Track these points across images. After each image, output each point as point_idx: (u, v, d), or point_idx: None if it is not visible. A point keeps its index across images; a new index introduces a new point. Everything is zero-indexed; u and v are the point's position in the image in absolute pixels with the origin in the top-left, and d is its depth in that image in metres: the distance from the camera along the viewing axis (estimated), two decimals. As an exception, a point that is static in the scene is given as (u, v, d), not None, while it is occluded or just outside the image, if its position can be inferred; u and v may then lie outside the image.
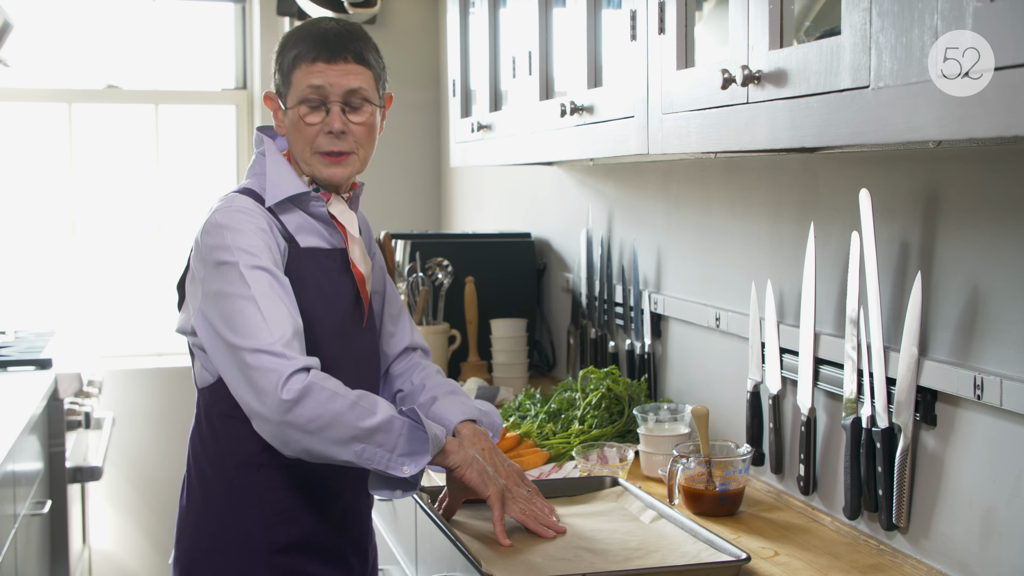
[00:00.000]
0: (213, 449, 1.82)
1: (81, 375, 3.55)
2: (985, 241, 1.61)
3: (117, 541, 4.31)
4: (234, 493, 1.81)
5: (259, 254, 1.69)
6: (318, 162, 1.79)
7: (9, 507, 2.48)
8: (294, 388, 1.61)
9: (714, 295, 2.40)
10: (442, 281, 3.27)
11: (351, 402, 1.64)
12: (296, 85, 1.78)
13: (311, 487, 1.83)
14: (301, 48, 1.77)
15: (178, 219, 4.52)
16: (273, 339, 1.64)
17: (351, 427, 1.63)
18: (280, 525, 1.81)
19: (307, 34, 1.78)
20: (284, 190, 1.79)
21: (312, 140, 1.78)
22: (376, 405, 1.66)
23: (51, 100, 4.39)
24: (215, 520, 1.82)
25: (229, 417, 1.79)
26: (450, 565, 1.99)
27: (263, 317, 1.65)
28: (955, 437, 1.68)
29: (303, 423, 1.62)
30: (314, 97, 1.76)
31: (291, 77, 1.79)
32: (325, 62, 1.76)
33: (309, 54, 1.76)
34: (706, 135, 1.70)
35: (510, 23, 2.79)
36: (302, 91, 1.77)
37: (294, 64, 1.78)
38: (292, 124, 1.80)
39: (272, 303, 1.66)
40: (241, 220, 1.72)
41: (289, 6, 4.19)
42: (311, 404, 1.62)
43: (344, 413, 1.63)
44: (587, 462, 2.18)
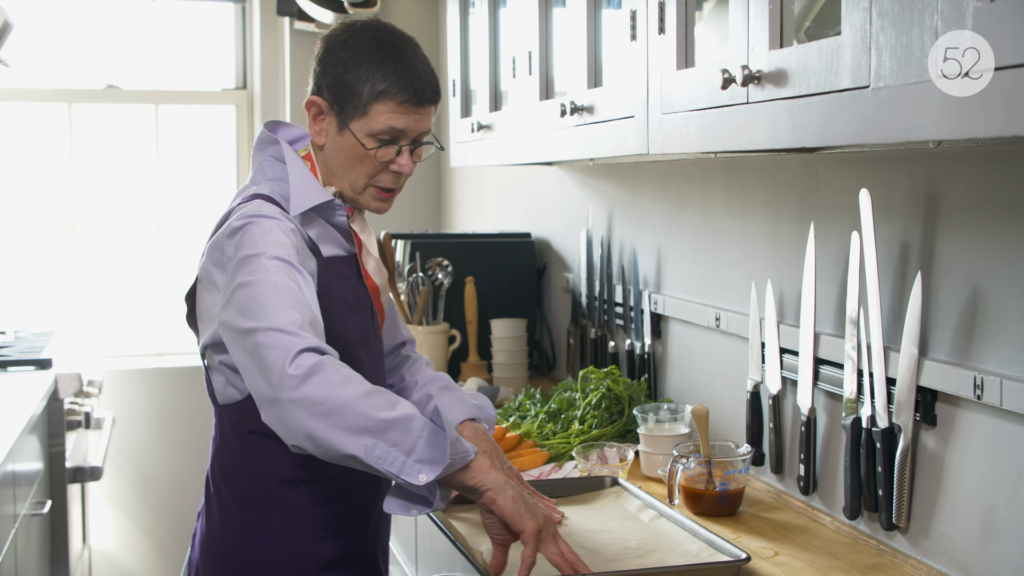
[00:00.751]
0: (247, 468, 1.72)
1: (81, 375, 3.55)
2: (985, 241, 1.61)
3: (117, 541, 4.31)
4: (278, 512, 1.71)
5: (283, 249, 1.60)
6: (370, 195, 1.74)
7: (9, 507, 2.48)
8: (304, 364, 1.46)
9: (714, 295, 2.40)
10: (442, 281, 3.27)
11: (367, 390, 1.47)
12: (375, 118, 1.68)
13: (349, 500, 1.76)
14: (390, 84, 1.67)
15: (178, 219, 4.52)
16: (288, 319, 1.50)
17: (363, 416, 1.44)
18: (325, 540, 1.73)
19: (394, 65, 1.68)
20: (310, 199, 1.70)
21: (373, 173, 1.72)
22: (398, 401, 1.49)
23: (51, 100, 4.39)
24: (262, 541, 1.71)
25: (262, 435, 1.68)
26: (450, 565, 1.99)
27: (279, 299, 1.52)
28: (955, 437, 1.68)
29: (310, 403, 1.44)
30: (389, 137, 1.70)
31: (370, 108, 1.68)
32: (414, 106, 1.69)
33: (400, 94, 1.68)
34: (706, 135, 1.70)
35: (510, 23, 2.79)
36: (381, 128, 1.69)
37: (378, 97, 1.68)
38: (350, 148, 1.71)
39: (290, 291, 1.54)
40: (269, 224, 1.63)
41: (289, 6, 4.19)
42: (320, 382, 1.45)
43: (357, 399, 1.45)
44: (587, 462, 2.18)
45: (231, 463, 1.74)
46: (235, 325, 1.54)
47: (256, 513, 1.72)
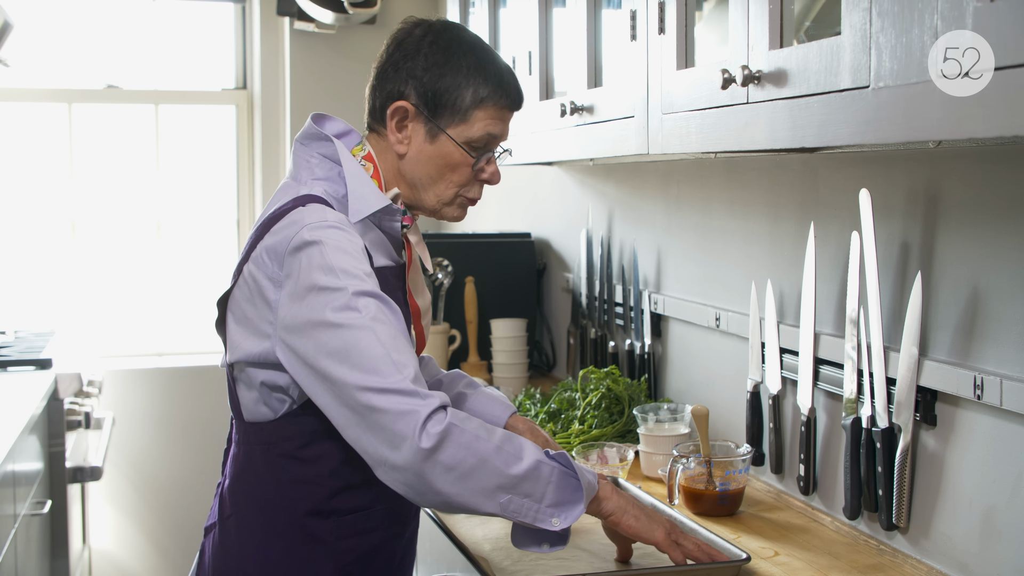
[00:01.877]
0: (275, 493, 1.61)
1: (81, 375, 3.55)
2: (985, 241, 1.61)
3: (117, 541, 4.31)
4: (303, 543, 1.61)
5: (366, 278, 1.50)
6: (458, 205, 1.67)
7: (9, 507, 2.48)
8: (433, 432, 1.42)
9: (714, 295, 2.40)
10: (442, 281, 3.27)
11: (496, 446, 1.45)
12: (475, 124, 1.62)
13: (378, 531, 1.66)
14: (492, 90, 1.62)
15: (178, 219, 4.52)
16: (401, 375, 1.43)
17: (498, 474, 1.44)
18: (354, 573, 1.64)
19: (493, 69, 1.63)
20: (370, 204, 1.60)
21: (463, 182, 1.65)
22: (522, 449, 1.48)
23: (51, 100, 4.39)
24: (283, 571, 1.62)
25: (299, 460, 1.60)
26: (450, 565, 1.99)
27: (385, 351, 1.44)
28: (955, 437, 1.68)
29: (443, 472, 1.42)
30: (484, 144, 1.64)
31: (471, 114, 1.61)
32: (511, 111, 1.65)
33: (503, 99, 1.63)
34: (706, 135, 1.70)
35: (510, 23, 2.79)
36: (480, 135, 1.62)
37: (481, 103, 1.62)
38: (445, 159, 1.63)
39: (390, 333, 1.46)
40: (339, 238, 1.51)
41: (289, 6, 4.19)
42: (452, 449, 1.42)
43: (489, 459, 1.44)
44: (587, 462, 2.18)
45: (258, 486, 1.63)
46: (333, 375, 1.46)
47: (280, 544, 1.61)
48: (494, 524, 1.91)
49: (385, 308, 1.49)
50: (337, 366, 1.45)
